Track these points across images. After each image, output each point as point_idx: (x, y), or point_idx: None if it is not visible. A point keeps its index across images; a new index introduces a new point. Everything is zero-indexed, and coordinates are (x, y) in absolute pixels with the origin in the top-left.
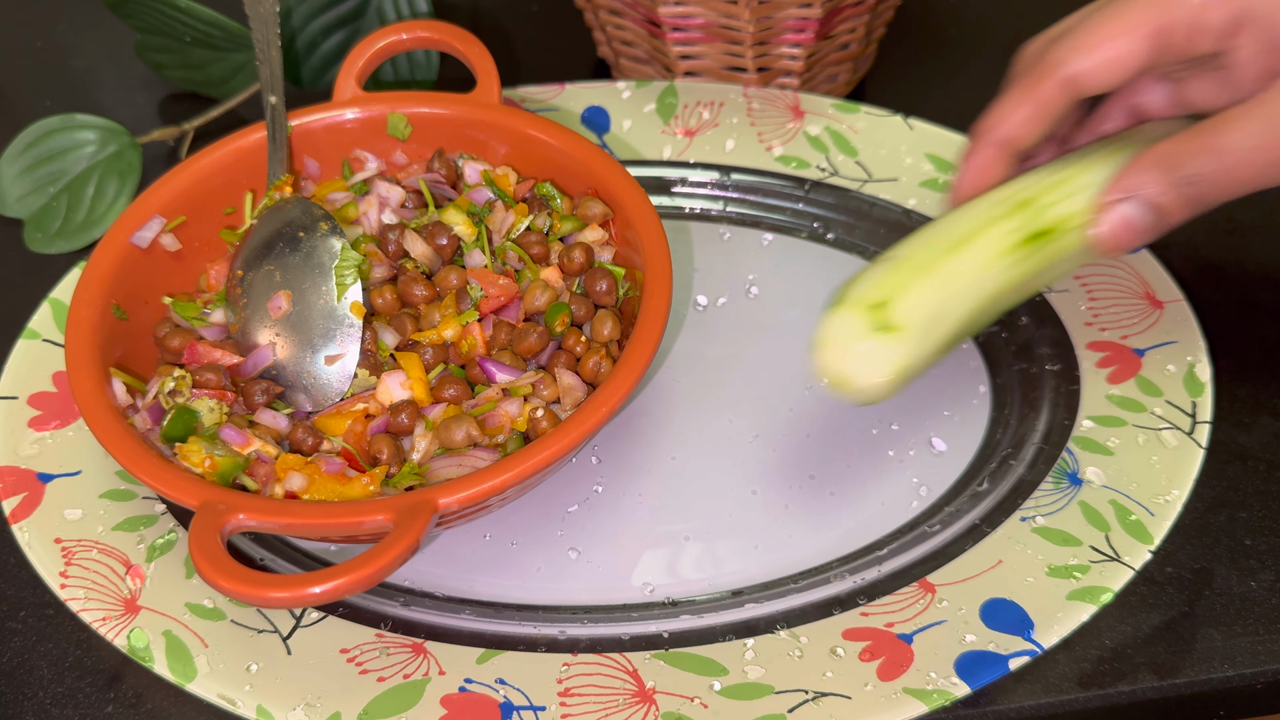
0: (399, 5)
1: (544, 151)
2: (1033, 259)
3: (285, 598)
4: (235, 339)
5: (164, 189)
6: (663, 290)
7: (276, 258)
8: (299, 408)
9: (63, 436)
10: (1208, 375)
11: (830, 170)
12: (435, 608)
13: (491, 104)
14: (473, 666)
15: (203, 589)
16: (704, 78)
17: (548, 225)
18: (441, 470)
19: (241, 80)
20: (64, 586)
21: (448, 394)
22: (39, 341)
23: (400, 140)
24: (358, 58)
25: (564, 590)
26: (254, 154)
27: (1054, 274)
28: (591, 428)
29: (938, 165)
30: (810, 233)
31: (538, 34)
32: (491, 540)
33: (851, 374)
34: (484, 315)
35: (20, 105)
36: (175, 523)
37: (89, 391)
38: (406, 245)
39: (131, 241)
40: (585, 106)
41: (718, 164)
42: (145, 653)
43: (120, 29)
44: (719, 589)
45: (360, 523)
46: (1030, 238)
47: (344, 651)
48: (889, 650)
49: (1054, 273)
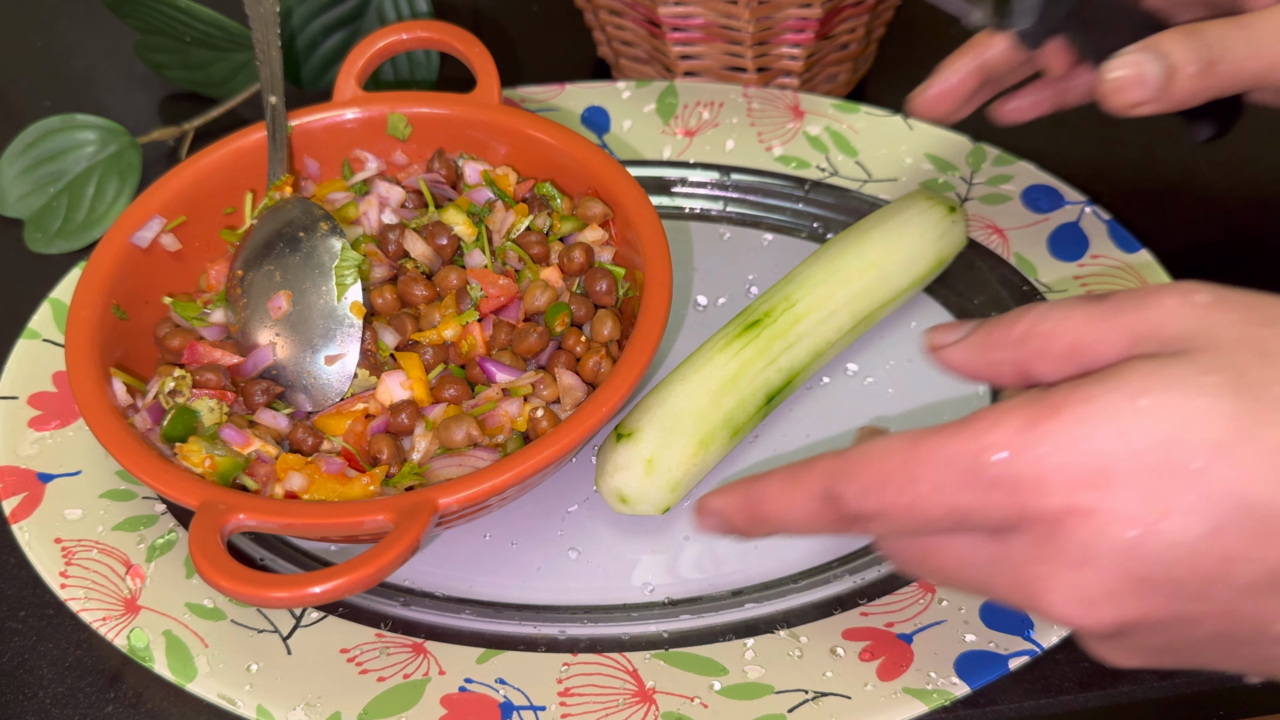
0: (399, 5)
1: (544, 151)
2: (758, 340)
3: (285, 597)
4: (235, 339)
5: (164, 189)
6: (663, 290)
7: (277, 258)
8: (299, 408)
9: (63, 436)
10: None
11: (830, 170)
12: (435, 607)
13: (491, 104)
14: (473, 666)
15: (203, 589)
16: (704, 78)
17: (548, 225)
18: (441, 470)
19: (241, 80)
20: (64, 586)
21: (448, 394)
22: (39, 341)
23: (400, 140)
24: (358, 58)
25: (564, 590)
26: (254, 154)
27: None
28: (592, 428)
29: (938, 165)
30: (810, 233)
31: (538, 34)
32: (491, 540)
33: (635, 501)
34: (484, 315)
35: (20, 105)
36: (175, 523)
37: (89, 391)
38: (406, 245)
39: (131, 241)
40: (585, 106)
41: (718, 164)
42: (145, 653)
43: (120, 29)
44: (719, 589)
45: (360, 523)
46: (746, 327)
47: (344, 651)
48: (889, 650)
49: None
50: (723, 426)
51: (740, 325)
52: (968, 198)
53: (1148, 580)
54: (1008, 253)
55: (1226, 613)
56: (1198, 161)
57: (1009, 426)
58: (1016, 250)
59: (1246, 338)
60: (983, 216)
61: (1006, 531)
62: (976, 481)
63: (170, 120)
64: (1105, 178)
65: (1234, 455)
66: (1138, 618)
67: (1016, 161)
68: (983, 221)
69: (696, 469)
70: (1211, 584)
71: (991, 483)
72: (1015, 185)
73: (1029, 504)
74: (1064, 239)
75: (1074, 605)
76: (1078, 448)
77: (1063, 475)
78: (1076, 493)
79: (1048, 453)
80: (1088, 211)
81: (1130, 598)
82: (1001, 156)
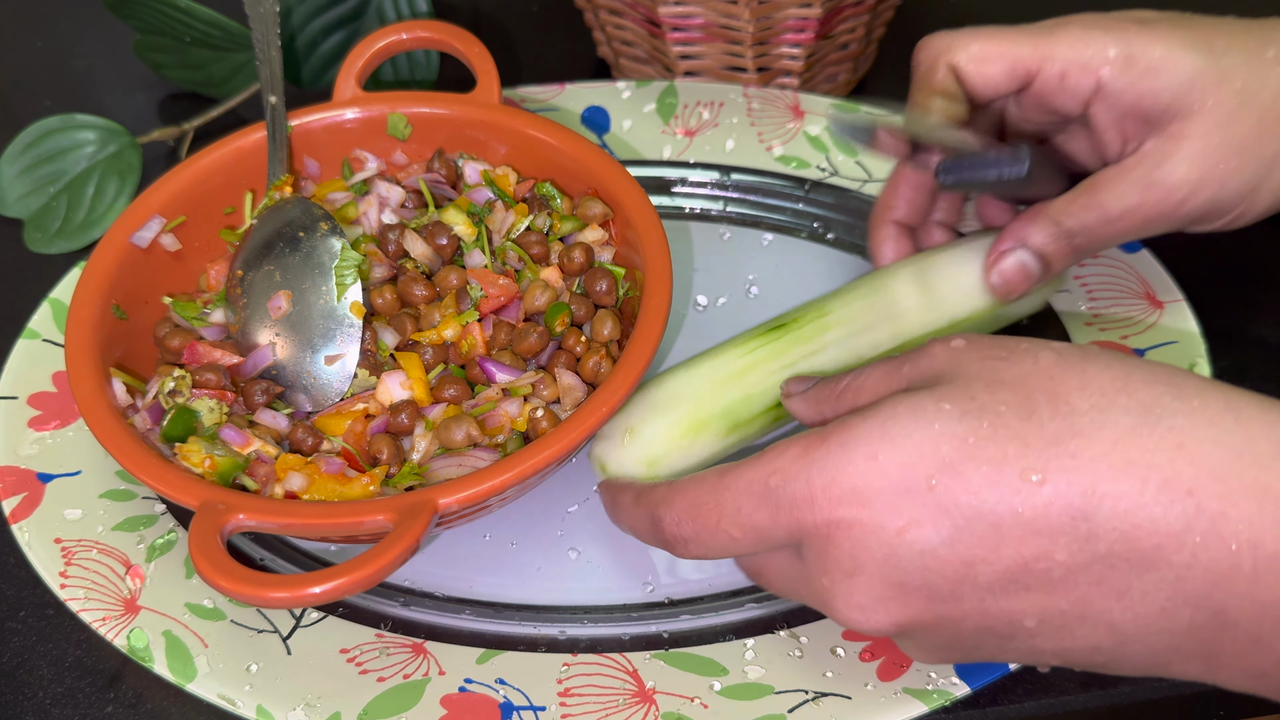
0: (399, 5)
1: (544, 151)
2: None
3: (285, 598)
4: (235, 339)
5: (164, 189)
6: (663, 290)
7: (276, 258)
8: (299, 408)
9: (63, 436)
10: (1207, 375)
11: (830, 170)
12: (435, 608)
13: (491, 104)
14: (473, 666)
15: (202, 589)
16: (704, 78)
17: (548, 225)
18: (441, 470)
19: (241, 80)
20: (64, 586)
21: (448, 394)
22: (39, 341)
23: (400, 140)
24: (358, 58)
25: (564, 590)
26: (254, 154)
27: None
28: (592, 428)
29: None
30: (810, 233)
31: (538, 34)
32: (491, 540)
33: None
34: (484, 315)
35: (20, 105)
36: (175, 523)
37: (89, 391)
38: (406, 245)
39: (131, 241)
40: (585, 106)
41: (718, 164)
42: (145, 653)
43: (120, 29)
44: (719, 589)
45: (360, 523)
46: (770, 329)
47: (344, 651)
48: (889, 650)
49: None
50: (720, 416)
51: (765, 327)
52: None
53: (905, 585)
54: None
55: (981, 611)
56: None
57: (790, 454)
58: None
59: (984, 371)
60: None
61: (800, 547)
62: (766, 503)
63: (170, 120)
64: None
65: (960, 471)
66: (907, 619)
67: None
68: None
69: (681, 451)
70: (959, 584)
71: (776, 503)
72: None
73: (804, 519)
74: None
75: (853, 611)
76: (839, 469)
77: (826, 494)
78: (838, 508)
79: (815, 474)
80: None
81: (895, 602)
82: None
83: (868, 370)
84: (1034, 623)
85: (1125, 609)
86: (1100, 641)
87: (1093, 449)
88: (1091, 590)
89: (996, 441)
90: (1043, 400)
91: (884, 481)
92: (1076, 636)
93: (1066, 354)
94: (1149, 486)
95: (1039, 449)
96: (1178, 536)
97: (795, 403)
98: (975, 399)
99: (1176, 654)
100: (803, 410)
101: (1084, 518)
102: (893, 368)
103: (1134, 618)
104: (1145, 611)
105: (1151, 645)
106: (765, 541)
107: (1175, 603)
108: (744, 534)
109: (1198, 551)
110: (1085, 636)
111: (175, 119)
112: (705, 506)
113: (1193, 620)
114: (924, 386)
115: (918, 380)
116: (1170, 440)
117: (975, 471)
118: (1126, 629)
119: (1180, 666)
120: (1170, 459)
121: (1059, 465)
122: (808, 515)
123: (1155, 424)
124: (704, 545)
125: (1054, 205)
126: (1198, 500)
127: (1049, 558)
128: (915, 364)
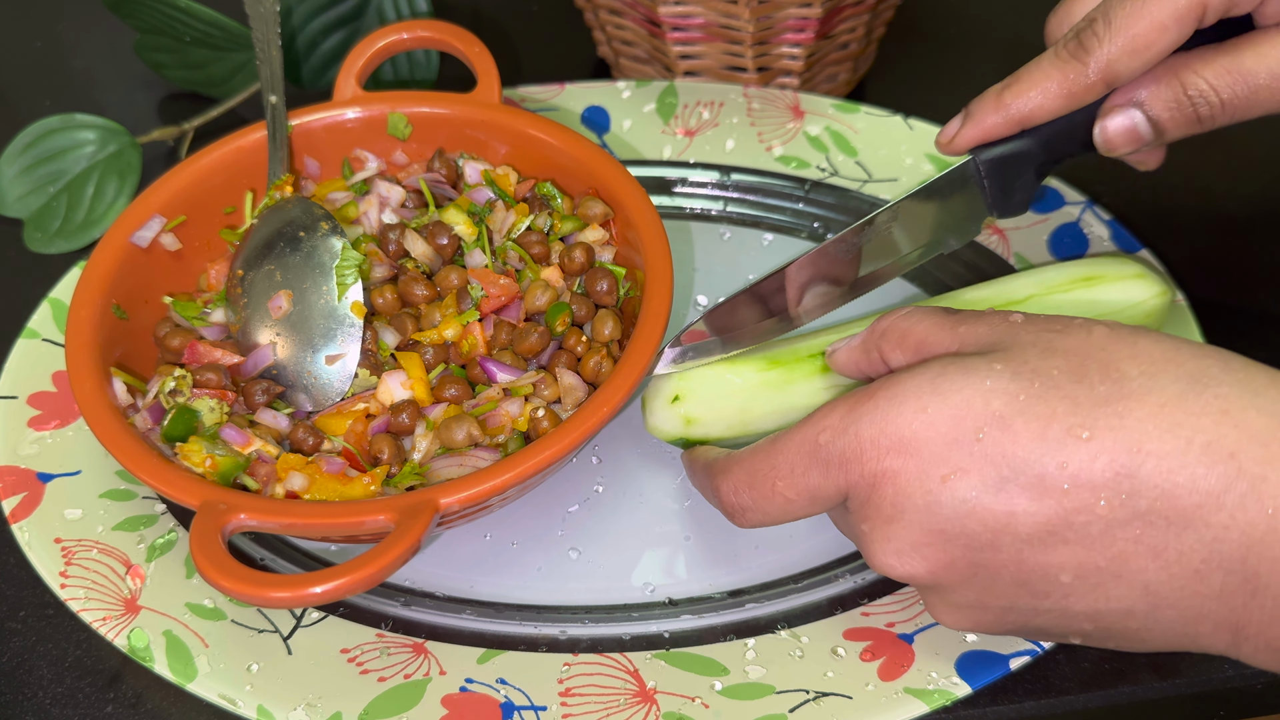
0: (399, 5)
1: (545, 151)
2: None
3: (287, 597)
4: (236, 339)
5: (164, 188)
6: (663, 290)
7: (277, 257)
8: (299, 407)
9: (62, 436)
10: None
11: (830, 170)
12: (436, 608)
13: (492, 104)
14: (473, 666)
15: (203, 589)
16: (704, 77)
17: (548, 225)
18: (442, 470)
19: (241, 80)
20: (64, 586)
21: (448, 394)
22: (39, 341)
23: (400, 140)
24: (358, 57)
25: (565, 590)
26: (254, 153)
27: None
28: (592, 427)
29: (938, 165)
30: (810, 233)
31: (538, 34)
32: (492, 540)
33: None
34: (485, 315)
35: (20, 105)
36: (175, 522)
37: (89, 391)
38: (407, 245)
39: (131, 241)
40: (585, 106)
41: (718, 164)
42: (146, 653)
43: (120, 29)
44: (719, 589)
45: (362, 522)
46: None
47: (345, 651)
48: (890, 650)
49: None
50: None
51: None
52: None
53: (945, 533)
54: (1008, 253)
55: (1018, 562)
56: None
57: (838, 412)
58: (1017, 250)
59: (1039, 340)
60: None
61: (848, 500)
62: (816, 461)
63: (170, 120)
64: (1105, 178)
65: (1009, 425)
66: (943, 567)
67: None
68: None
69: (719, 382)
70: (999, 534)
71: (827, 460)
72: None
73: (851, 471)
74: (1064, 239)
75: (891, 556)
76: (888, 421)
77: (874, 445)
78: (884, 458)
79: (864, 427)
80: (1088, 212)
81: (932, 549)
82: None
83: (916, 315)
84: (1070, 578)
85: (1161, 569)
86: (1134, 604)
87: (1140, 410)
88: (1129, 548)
89: (1046, 400)
90: (1094, 367)
91: (932, 432)
92: (1111, 597)
93: (1119, 329)
94: (1193, 447)
95: (1088, 408)
96: (1217, 497)
97: (838, 358)
98: (1028, 363)
99: (1206, 622)
100: (846, 364)
101: (1128, 475)
102: (945, 321)
103: (1169, 578)
104: (1180, 572)
105: (1183, 611)
106: (819, 502)
107: (1210, 565)
108: (798, 495)
109: (1235, 513)
110: (1120, 597)
111: (175, 119)
112: (760, 473)
113: (1224, 585)
114: (976, 354)
115: (971, 345)
116: (1215, 406)
117: (1024, 426)
118: (1160, 590)
119: (1209, 638)
120: (1215, 423)
121: (1106, 424)
122: (855, 467)
123: (1202, 391)
124: (762, 511)
125: (1184, 66)
126: (1239, 463)
127: (1090, 511)
128: (971, 327)
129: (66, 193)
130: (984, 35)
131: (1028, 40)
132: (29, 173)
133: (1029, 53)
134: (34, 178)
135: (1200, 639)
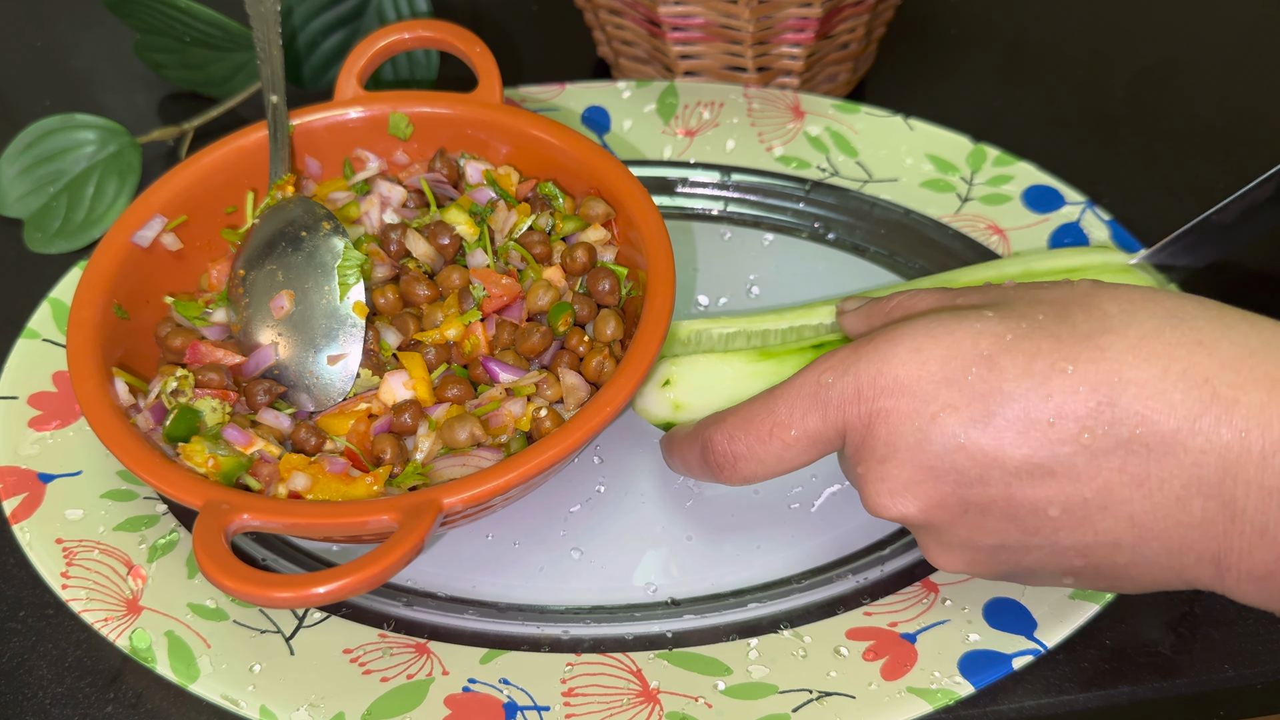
0: (399, 5)
1: (546, 151)
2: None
3: (290, 598)
4: (237, 339)
5: (165, 188)
6: (665, 290)
7: (279, 257)
8: (301, 408)
9: (63, 436)
10: None
11: (831, 170)
12: (438, 608)
13: (493, 103)
14: (476, 667)
15: (205, 589)
16: (704, 78)
17: (550, 225)
18: (445, 470)
19: (241, 80)
20: (65, 587)
21: (451, 394)
22: (39, 341)
23: (402, 140)
24: (359, 57)
25: (567, 590)
26: (255, 153)
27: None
28: (595, 428)
29: (938, 165)
30: (811, 233)
31: (538, 34)
32: (494, 540)
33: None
34: (487, 315)
35: (20, 105)
36: (176, 523)
37: (91, 391)
38: (408, 245)
39: (132, 241)
40: (586, 106)
41: (718, 164)
42: (147, 653)
43: (120, 29)
44: (722, 589)
45: (365, 522)
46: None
47: (347, 652)
48: (893, 650)
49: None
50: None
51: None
52: (968, 198)
53: (935, 469)
54: (1008, 252)
55: (1007, 497)
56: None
57: (839, 355)
58: (1017, 250)
59: (1027, 295)
60: (983, 216)
61: (845, 444)
62: (817, 403)
63: (170, 120)
64: (1105, 178)
65: (996, 362)
66: (934, 504)
67: (1017, 162)
68: (983, 221)
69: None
70: (987, 469)
71: (826, 402)
72: (1016, 185)
73: (849, 412)
74: (1064, 239)
75: (885, 497)
76: (885, 361)
77: (872, 385)
78: (880, 398)
79: (863, 368)
80: (1088, 212)
81: (923, 486)
82: (1002, 157)
83: (922, 292)
84: (1058, 512)
85: (1144, 497)
86: (1121, 536)
87: (1120, 343)
88: (1113, 478)
89: (1032, 338)
90: (1077, 309)
91: (923, 372)
92: (1099, 529)
93: (1102, 282)
94: (1169, 375)
95: (1070, 344)
96: (1193, 421)
97: (848, 318)
98: (1015, 309)
99: (1189, 553)
100: (854, 324)
101: (1109, 404)
102: (946, 296)
103: (1152, 507)
104: (1162, 500)
105: (1167, 542)
106: (817, 445)
107: (1190, 491)
108: (797, 439)
109: (1210, 436)
110: (1107, 530)
111: (175, 119)
112: (758, 417)
113: (1204, 511)
114: (971, 307)
115: (966, 307)
116: (1191, 338)
117: (1010, 362)
118: (1145, 520)
119: (1194, 570)
120: (1190, 352)
121: (1088, 357)
122: (853, 409)
123: (1178, 325)
124: (756, 459)
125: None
126: (1213, 388)
127: (1075, 441)
128: (968, 296)
129: (66, 193)
130: (984, 35)
131: (1028, 40)
132: (29, 173)
133: (1029, 53)
134: (34, 178)
135: (1186, 572)
